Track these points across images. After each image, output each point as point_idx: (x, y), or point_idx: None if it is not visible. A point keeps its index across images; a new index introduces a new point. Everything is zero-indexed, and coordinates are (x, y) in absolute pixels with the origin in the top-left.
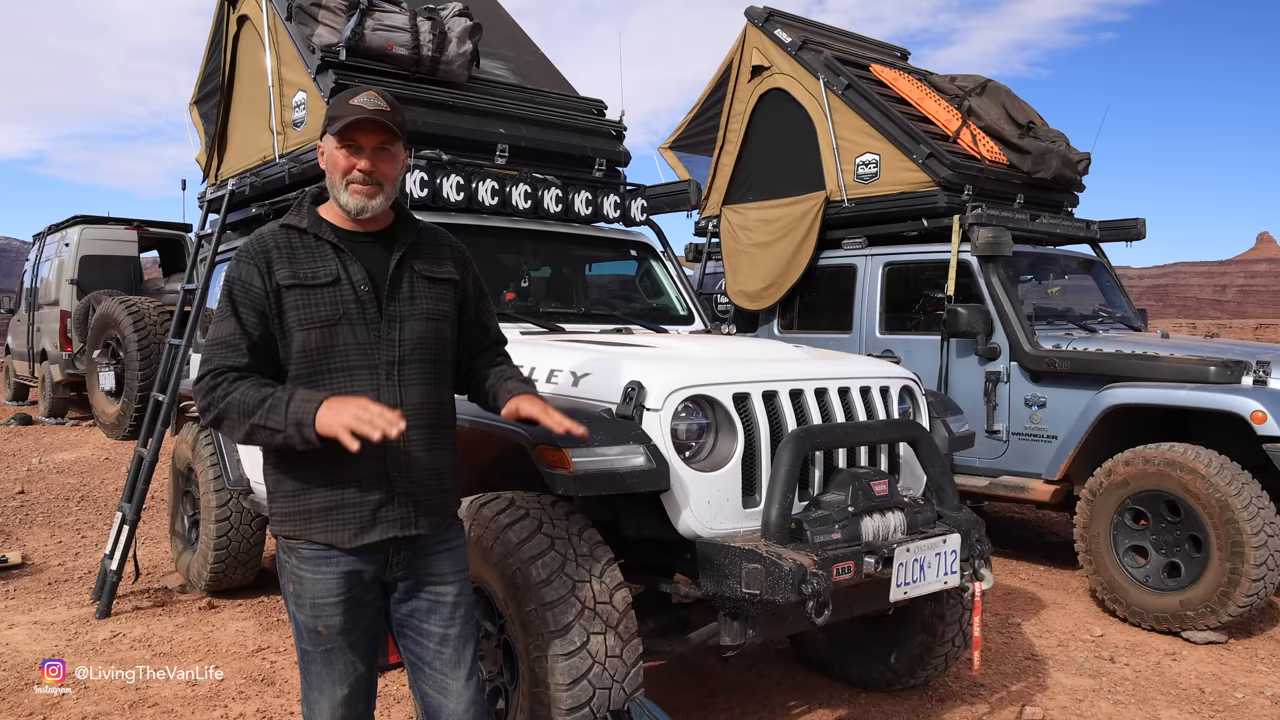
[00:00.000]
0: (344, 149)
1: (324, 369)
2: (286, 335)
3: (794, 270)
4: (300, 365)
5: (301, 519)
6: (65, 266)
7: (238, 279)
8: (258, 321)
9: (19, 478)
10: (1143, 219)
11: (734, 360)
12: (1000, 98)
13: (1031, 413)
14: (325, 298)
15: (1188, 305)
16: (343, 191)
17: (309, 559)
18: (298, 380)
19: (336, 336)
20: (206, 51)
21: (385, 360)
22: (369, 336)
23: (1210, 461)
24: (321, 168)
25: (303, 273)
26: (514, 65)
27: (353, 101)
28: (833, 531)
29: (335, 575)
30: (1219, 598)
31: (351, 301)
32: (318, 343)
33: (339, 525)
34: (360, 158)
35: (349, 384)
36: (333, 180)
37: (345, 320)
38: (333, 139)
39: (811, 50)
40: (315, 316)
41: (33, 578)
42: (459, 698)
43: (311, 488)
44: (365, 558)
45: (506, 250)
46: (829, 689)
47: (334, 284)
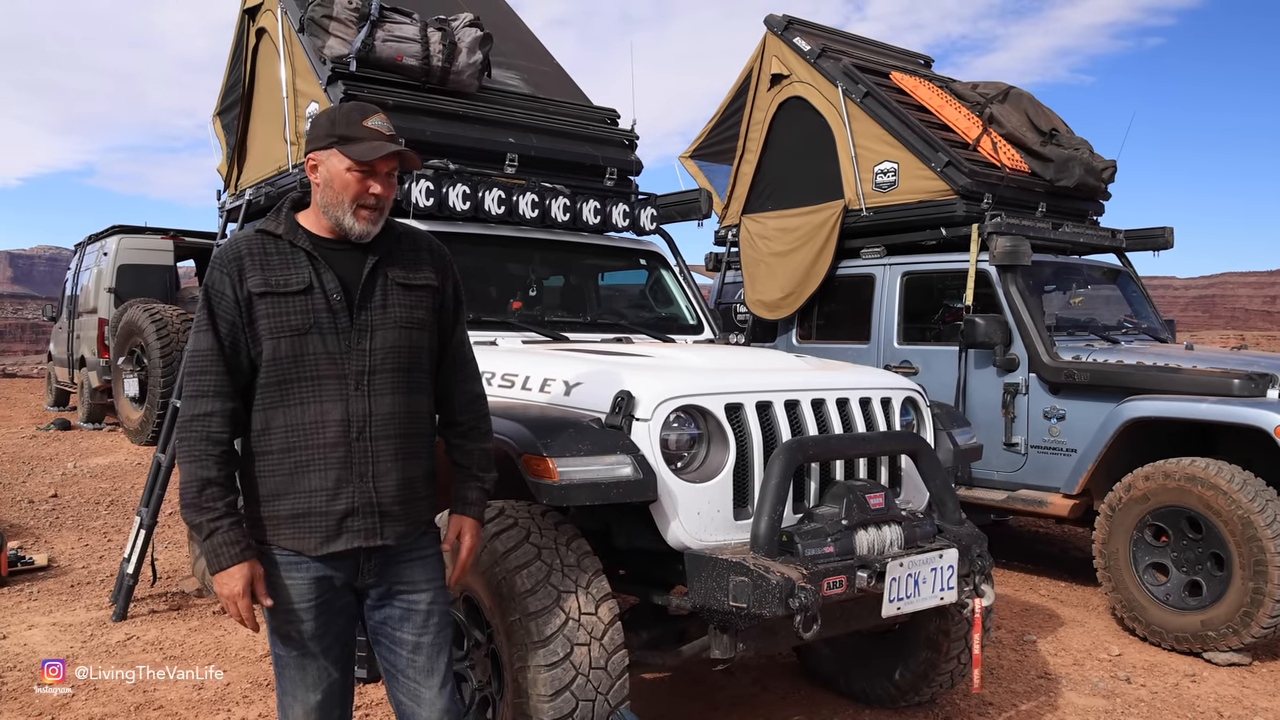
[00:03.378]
0: (358, 173)
1: (293, 378)
2: (257, 343)
3: (812, 280)
4: (269, 373)
5: (271, 525)
6: (104, 275)
7: (212, 287)
8: (228, 333)
9: (53, 482)
10: (1170, 228)
11: (729, 370)
12: (1023, 105)
13: (1050, 425)
14: (296, 306)
15: (1236, 316)
16: (349, 214)
17: (279, 564)
18: (266, 389)
19: (306, 345)
20: (228, 64)
21: (355, 370)
22: (339, 346)
23: (1233, 477)
24: (313, 179)
25: (275, 280)
26: (527, 75)
27: (367, 124)
28: (825, 545)
29: (305, 581)
30: (1241, 618)
31: (323, 310)
32: (287, 351)
33: (305, 533)
34: (375, 182)
35: (317, 394)
36: (337, 200)
37: (315, 329)
38: (344, 159)
39: (830, 58)
40: (285, 325)
41: (56, 580)
42: (432, 706)
43: (280, 495)
44: (335, 564)
45: (514, 259)
46: (833, 704)
47: (305, 292)
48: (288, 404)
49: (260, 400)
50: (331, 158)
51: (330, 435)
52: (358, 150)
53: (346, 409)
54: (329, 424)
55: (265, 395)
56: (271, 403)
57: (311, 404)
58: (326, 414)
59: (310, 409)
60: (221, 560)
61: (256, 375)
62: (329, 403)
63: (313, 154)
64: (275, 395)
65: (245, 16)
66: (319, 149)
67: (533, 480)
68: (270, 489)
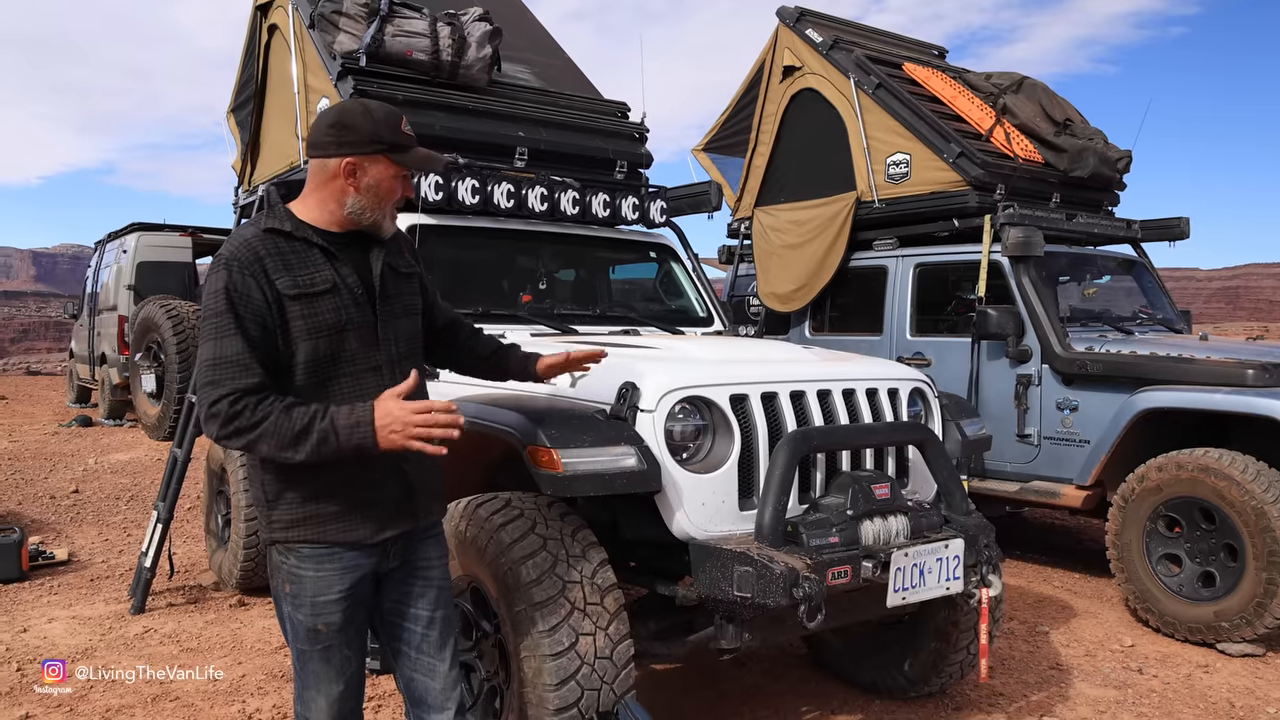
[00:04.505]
0: (402, 178)
1: (333, 375)
2: (291, 345)
3: (825, 272)
4: (308, 374)
5: (313, 523)
6: (123, 272)
7: (235, 290)
8: (260, 335)
9: (75, 477)
10: (1186, 218)
11: (735, 361)
12: (1036, 95)
13: (1063, 416)
14: (328, 305)
15: (1260, 308)
16: (388, 217)
17: (310, 558)
18: (305, 390)
19: (344, 342)
20: (242, 60)
21: (386, 359)
22: (369, 339)
23: (1246, 468)
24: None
25: (303, 280)
26: (537, 69)
27: (406, 129)
28: (829, 535)
29: (337, 572)
30: (1255, 609)
31: (351, 306)
32: (326, 350)
33: (358, 523)
34: (408, 185)
35: (357, 388)
36: (380, 205)
37: (350, 326)
38: (391, 165)
39: (843, 49)
40: (322, 325)
41: (76, 574)
42: (446, 679)
43: (328, 490)
44: (367, 552)
45: (524, 253)
46: (843, 695)
47: (332, 290)
48: (330, 401)
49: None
50: (378, 164)
51: None
52: (412, 160)
53: None
54: None
55: (305, 395)
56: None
57: (353, 399)
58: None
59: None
60: (364, 423)
61: (283, 377)
62: (370, 395)
63: (354, 158)
64: (316, 394)
65: (257, 13)
66: (361, 154)
67: (538, 471)
68: (313, 487)
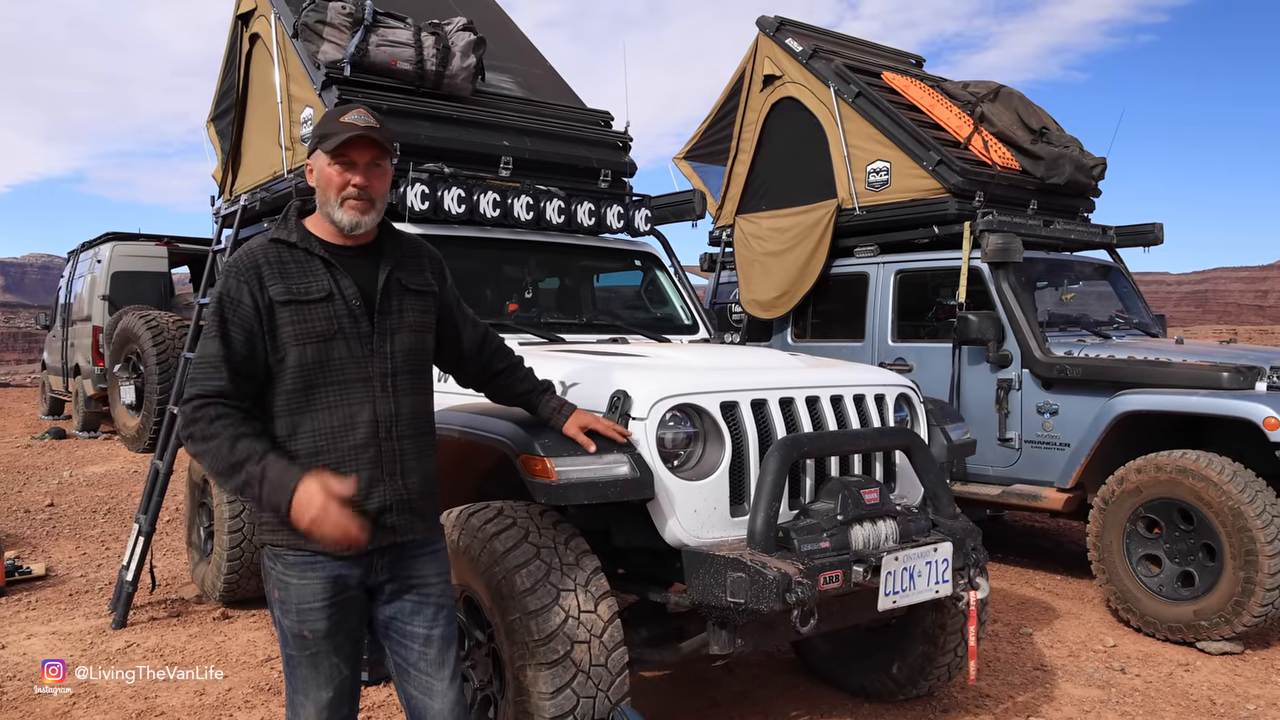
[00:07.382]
0: (337, 165)
1: (319, 383)
2: (280, 351)
3: (806, 279)
4: (295, 379)
5: (297, 529)
6: (97, 282)
7: (227, 295)
8: (244, 340)
9: (49, 491)
10: (1160, 224)
11: (724, 369)
12: (1013, 103)
13: (1043, 420)
14: (319, 313)
15: (1228, 311)
16: (337, 209)
17: (295, 565)
18: (294, 395)
19: (332, 351)
20: (222, 69)
21: (379, 372)
22: (362, 350)
23: (1223, 469)
24: (311, 185)
25: (296, 288)
26: (521, 78)
27: (344, 119)
28: (820, 540)
29: (320, 580)
30: (1233, 607)
31: (345, 316)
32: (313, 357)
33: None
34: (354, 174)
35: (344, 397)
36: (326, 197)
37: (340, 335)
38: (324, 156)
39: (822, 58)
40: (310, 331)
41: (55, 589)
42: (444, 698)
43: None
44: (351, 563)
45: (510, 262)
46: (832, 699)
47: (327, 299)
48: (314, 408)
49: (285, 406)
50: (317, 159)
51: (360, 436)
52: (330, 142)
53: (375, 410)
54: (359, 425)
55: (291, 401)
56: (297, 408)
57: (339, 407)
58: (355, 416)
59: (338, 412)
60: (286, 487)
61: (275, 383)
62: (356, 405)
63: (308, 160)
64: (301, 400)
65: (238, 22)
66: (310, 154)
67: (531, 480)
68: None
